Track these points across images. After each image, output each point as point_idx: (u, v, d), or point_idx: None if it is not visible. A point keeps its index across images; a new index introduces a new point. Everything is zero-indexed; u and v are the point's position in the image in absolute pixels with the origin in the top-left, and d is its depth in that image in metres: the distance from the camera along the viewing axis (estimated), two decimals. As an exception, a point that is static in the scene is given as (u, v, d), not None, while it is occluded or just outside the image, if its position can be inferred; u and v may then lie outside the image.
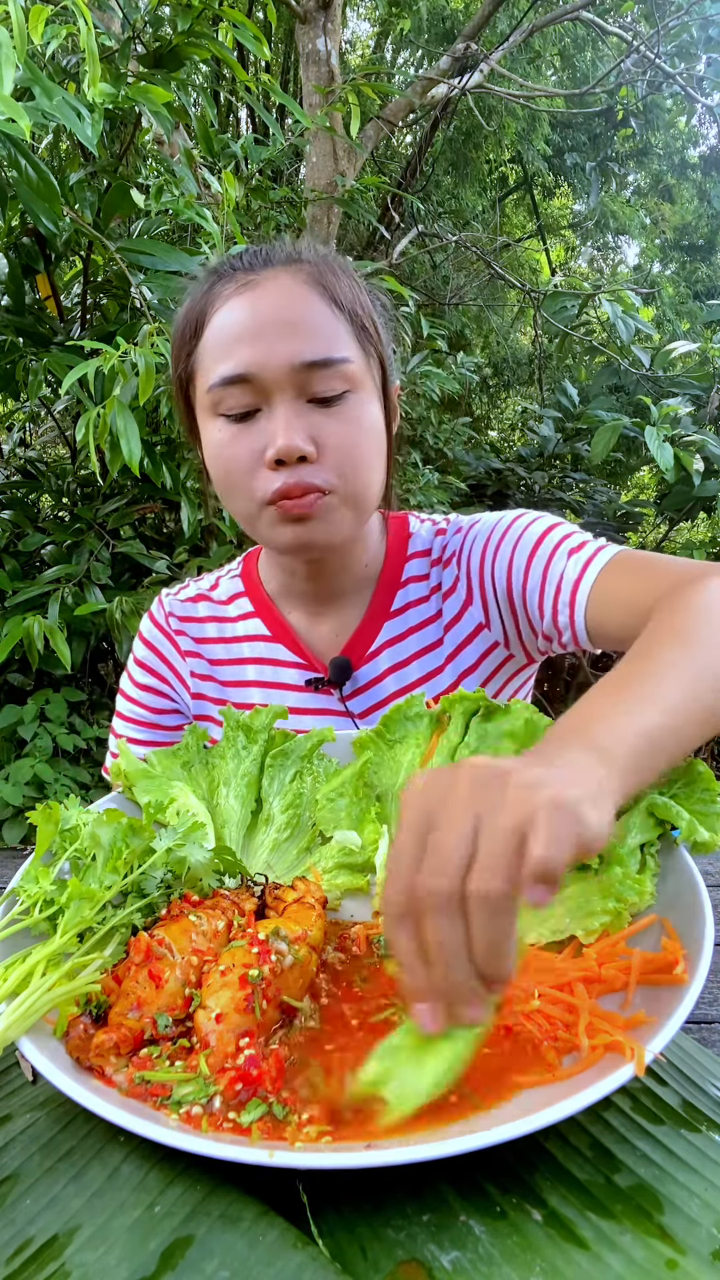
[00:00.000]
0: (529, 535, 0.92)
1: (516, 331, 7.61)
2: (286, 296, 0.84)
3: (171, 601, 1.08)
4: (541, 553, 0.90)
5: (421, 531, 1.04)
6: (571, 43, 6.25)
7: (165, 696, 1.07)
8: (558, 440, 4.23)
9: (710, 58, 4.89)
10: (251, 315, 0.84)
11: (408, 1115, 0.47)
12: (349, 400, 0.85)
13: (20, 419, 3.24)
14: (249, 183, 2.84)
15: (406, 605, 1.01)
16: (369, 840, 0.75)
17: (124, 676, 1.10)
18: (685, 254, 7.81)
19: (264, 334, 0.83)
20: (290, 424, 0.82)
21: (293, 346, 0.82)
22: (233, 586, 1.08)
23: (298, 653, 1.03)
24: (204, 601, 1.08)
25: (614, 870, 0.64)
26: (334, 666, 1.00)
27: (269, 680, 1.04)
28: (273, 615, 1.04)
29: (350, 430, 0.85)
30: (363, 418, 0.86)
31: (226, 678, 1.06)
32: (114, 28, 2.29)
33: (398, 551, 1.03)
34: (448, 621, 1.00)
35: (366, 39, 7.83)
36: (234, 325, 0.84)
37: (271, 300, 0.84)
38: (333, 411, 0.84)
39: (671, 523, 4.33)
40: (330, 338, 0.84)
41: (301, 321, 0.83)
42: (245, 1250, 0.41)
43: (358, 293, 0.90)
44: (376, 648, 1.01)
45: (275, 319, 0.83)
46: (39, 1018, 0.52)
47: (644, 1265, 0.40)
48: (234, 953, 0.56)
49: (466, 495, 4.10)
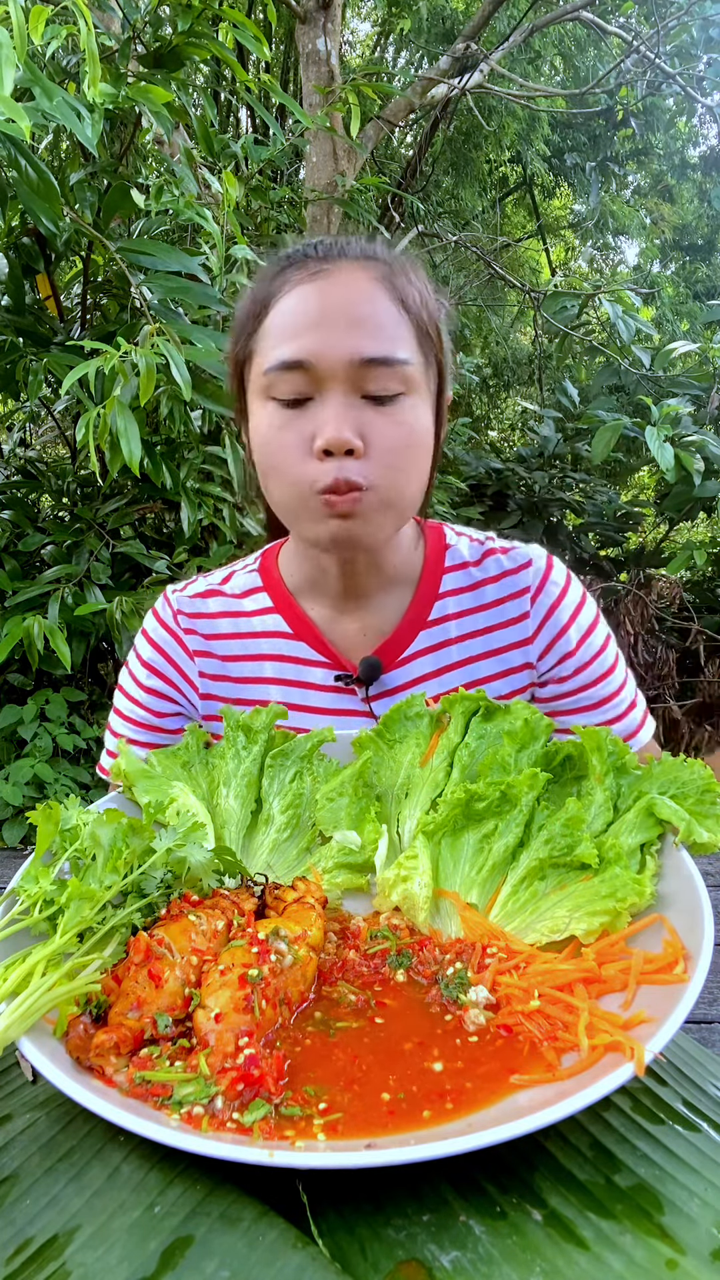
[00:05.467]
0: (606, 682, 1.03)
1: (516, 332, 7.61)
2: (355, 291, 0.84)
3: (179, 599, 1.05)
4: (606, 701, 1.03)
5: (460, 545, 1.04)
6: (572, 43, 6.24)
7: (170, 700, 1.05)
8: (558, 440, 4.23)
9: (710, 58, 4.89)
10: (318, 304, 0.83)
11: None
12: (402, 402, 0.85)
13: (20, 419, 3.24)
14: (249, 183, 2.84)
15: (445, 617, 1.02)
16: (369, 840, 0.75)
17: (124, 674, 1.08)
18: (685, 254, 7.81)
19: (327, 324, 0.82)
20: (341, 416, 0.82)
21: (355, 341, 0.82)
22: (249, 581, 1.06)
23: (322, 650, 1.01)
24: (215, 597, 1.05)
25: (614, 870, 0.64)
26: (364, 665, 0.99)
27: (289, 678, 1.02)
28: (294, 612, 1.02)
29: (399, 433, 0.85)
30: (413, 421, 0.86)
31: (241, 674, 1.04)
32: (114, 28, 2.29)
33: (435, 561, 1.03)
34: (502, 646, 1.02)
35: (366, 39, 7.83)
36: (299, 312, 0.84)
37: (340, 292, 0.84)
38: (385, 411, 0.84)
39: (671, 523, 4.34)
40: (393, 338, 0.84)
41: (367, 317, 0.83)
42: (245, 1250, 0.41)
43: (427, 298, 0.90)
44: (411, 654, 1.01)
45: (341, 311, 0.83)
46: (39, 1018, 0.52)
47: (644, 1265, 0.40)
48: (234, 952, 0.56)
49: (466, 495, 4.10)
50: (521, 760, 0.75)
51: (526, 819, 0.69)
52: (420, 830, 0.71)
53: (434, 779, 0.78)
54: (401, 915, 0.70)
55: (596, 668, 1.01)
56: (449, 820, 0.71)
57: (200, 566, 2.52)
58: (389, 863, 0.73)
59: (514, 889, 0.67)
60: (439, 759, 0.79)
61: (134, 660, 1.07)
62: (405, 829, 0.77)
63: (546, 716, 0.78)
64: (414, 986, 0.61)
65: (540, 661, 1.01)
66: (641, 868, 0.66)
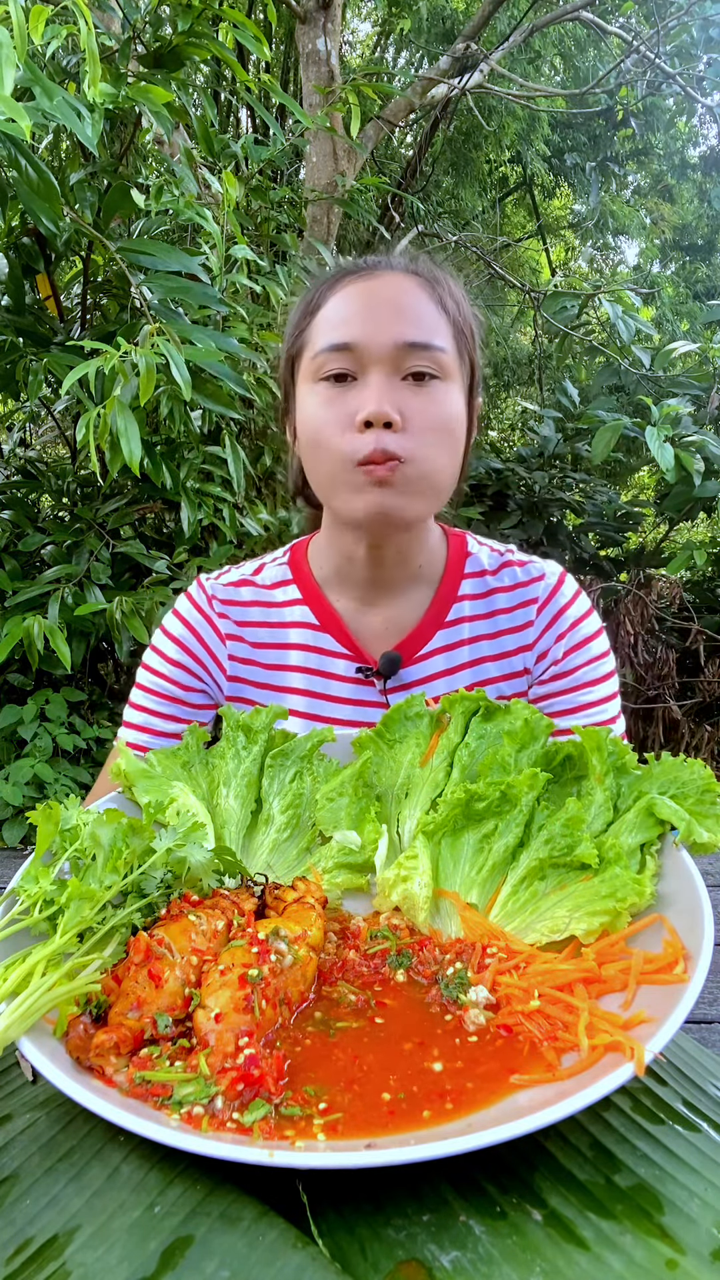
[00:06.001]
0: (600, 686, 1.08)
1: (516, 332, 7.61)
2: (399, 289, 0.95)
3: (213, 585, 1.12)
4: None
5: (480, 554, 1.11)
6: (572, 43, 6.24)
7: (194, 675, 1.10)
8: (558, 440, 4.22)
9: (710, 58, 4.89)
10: (366, 298, 0.95)
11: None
12: (437, 385, 0.94)
13: (20, 419, 3.24)
14: (249, 183, 2.84)
15: (460, 619, 1.08)
16: (369, 840, 0.75)
17: (148, 653, 1.13)
18: (685, 254, 7.81)
19: (373, 313, 0.93)
20: (383, 393, 0.91)
21: (397, 328, 0.92)
22: (279, 573, 1.12)
23: (345, 643, 1.08)
24: (247, 586, 1.12)
25: (614, 870, 0.64)
26: (385, 660, 1.05)
27: (313, 667, 1.09)
28: (321, 604, 1.09)
29: (436, 411, 0.93)
30: (448, 404, 0.95)
31: (269, 661, 1.10)
32: (114, 28, 2.29)
33: (456, 565, 1.10)
34: (507, 651, 1.08)
35: (366, 39, 7.83)
36: (348, 305, 0.95)
37: (385, 290, 0.95)
38: (421, 390, 0.93)
39: (671, 523, 4.33)
40: (432, 328, 0.94)
41: (409, 308, 0.94)
42: (245, 1250, 0.41)
43: (464, 305, 1.01)
44: (429, 651, 1.07)
45: (386, 302, 0.94)
46: (39, 1018, 0.52)
47: (644, 1265, 0.40)
48: (234, 952, 0.56)
49: (467, 495, 4.09)
50: (521, 760, 0.75)
51: (526, 819, 0.69)
52: (420, 830, 0.71)
53: (434, 779, 0.78)
54: (401, 915, 0.70)
55: (582, 675, 1.07)
56: (449, 820, 0.71)
57: (200, 567, 2.52)
58: (389, 863, 0.73)
59: (514, 889, 0.67)
60: (439, 759, 0.79)
61: (161, 638, 1.12)
62: (405, 829, 0.77)
63: (546, 717, 0.78)
64: (414, 986, 0.61)
65: (535, 665, 1.09)
66: (641, 868, 0.66)
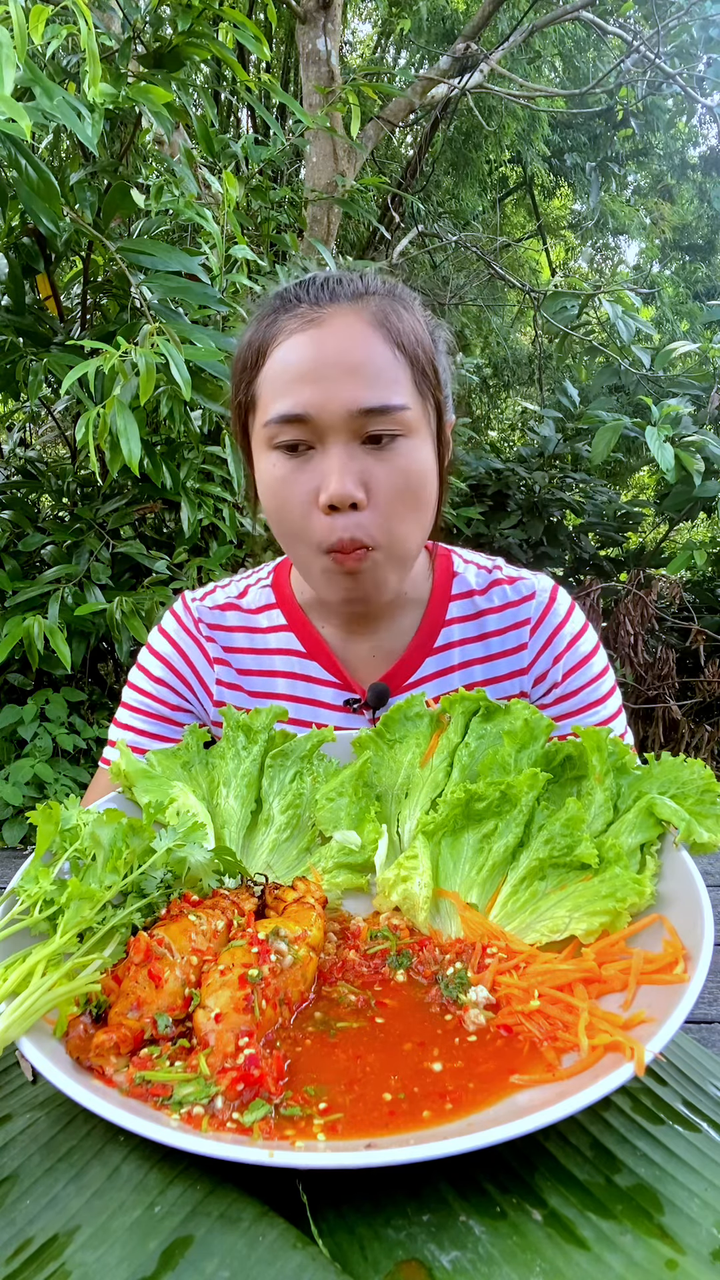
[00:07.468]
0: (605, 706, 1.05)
1: (516, 332, 7.61)
2: (350, 339, 0.84)
3: (199, 608, 1.08)
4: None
5: (467, 574, 1.06)
6: (572, 43, 6.25)
7: (179, 694, 1.07)
8: (558, 440, 4.23)
9: (710, 58, 4.89)
10: (314, 355, 0.84)
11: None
12: (400, 445, 0.86)
13: (20, 419, 3.24)
14: (249, 183, 2.84)
15: (450, 644, 1.04)
16: (369, 840, 0.75)
17: (134, 672, 1.09)
18: (685, 254, 7.82)
19: (324, 376, 0.83)
20: (344, 468, 0.83)
21: (352, 392, 0.83)
22: (263, 597, 1.08)
23: (333, 671, 1.04)
24: (233, 610, 1.08)
25: (614, 870, 0.64)
26: (373, 692, 1.01)
27: (301, 695, 1.05)
28: (307, 630, 1.05)
29: (401, 480, 0.86)
30: (413, 464, 0.87)
31: (255, 689, 1.06)
32: (114, 28, 2.29)
33: (443, 588, 1.05)
34: (500, 675, 1.04)
35: (367, 39, 7.83)
36: (295, 363, 0.85)
37: (335, 342, 0.84)
38: (385, 456, 0.85)
39: (671, 523, 4.33)
40: (390, 383, 0.85)
41: (362, 365, 0.84)
42: (245, 1250, 0.41)
43: (421, 333, 0.90)
44: (417, 679, 1.04)
45: (337, 361, 0.83)
46: (39, 1018, 0.52)
47: (644, 1265, 0.40)
48: (234, 952, 0.56)
49: (466, 495, 4.10)
50: (521, 760, 0.75)
51: (526, 819, 0.69)
52: (420, 830, 0.71)
53: (434, 779, 0.78)
54: (401, 915, 0.70)
55: (585, 696, 1.04)
56: (449, 820, 0.71)
57: (200, 567, 2.52)
58: (389, 863, 0.73)
59: (514, 889, 0.67)
60: (439, 759, 0.79)
61: (147, 656, 1.09)
62: (405, 829, 0.77)
63: (546, 717, 0.78)
64: (414, 986, 0.61)
65: (533, 689, 1.05)
66: (641, 868, 0.66)
